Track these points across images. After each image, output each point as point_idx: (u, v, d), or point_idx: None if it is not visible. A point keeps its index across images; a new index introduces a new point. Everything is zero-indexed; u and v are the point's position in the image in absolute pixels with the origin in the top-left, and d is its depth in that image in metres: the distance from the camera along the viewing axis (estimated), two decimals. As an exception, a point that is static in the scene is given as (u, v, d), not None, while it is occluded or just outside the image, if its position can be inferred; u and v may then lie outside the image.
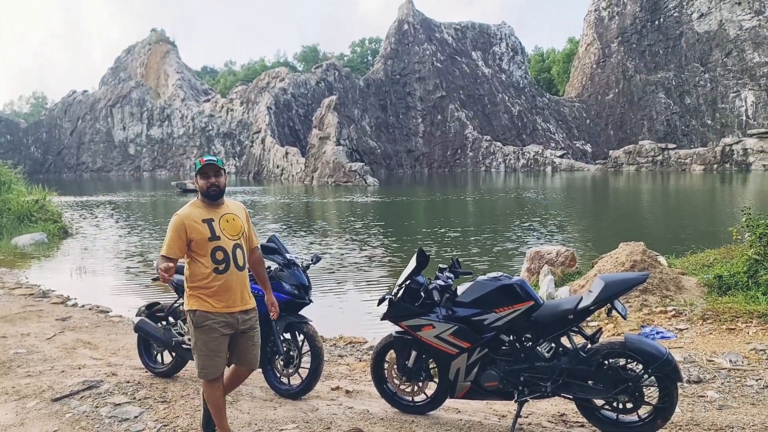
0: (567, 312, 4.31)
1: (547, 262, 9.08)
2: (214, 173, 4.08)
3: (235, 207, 4.25)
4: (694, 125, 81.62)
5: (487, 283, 4.53)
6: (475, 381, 4.52)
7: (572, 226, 22.24)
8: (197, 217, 4.02)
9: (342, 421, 4.72)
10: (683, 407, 4.70)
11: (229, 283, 4.02)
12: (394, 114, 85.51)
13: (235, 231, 4.11)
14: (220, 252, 3.99)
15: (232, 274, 4.03)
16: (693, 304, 7.11)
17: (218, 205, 4.13)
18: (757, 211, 8.38)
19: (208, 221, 4.03)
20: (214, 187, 4.08)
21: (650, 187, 45.02)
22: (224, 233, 4.04)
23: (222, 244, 4.01)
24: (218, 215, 4.09)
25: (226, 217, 4.10)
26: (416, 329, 4.60)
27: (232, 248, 4.05)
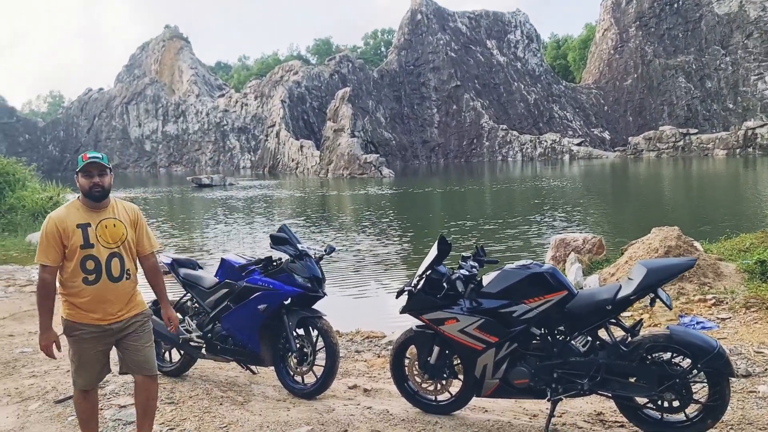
0: (605, 302, 3.93)
1: (574, 249, 8.66)
2: (99, 172, 3.65)
3: (121, 210, 3.82)
4: (716, 109, 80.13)
5: (515, 271, 4.15)
6: (503, 378, 4.16)
7: (596, 213, 21.68)
8: (72, 221, 3.61)
9: (360, 423, 4.38)
10: (733, 404, 4.29)
11: (101, 295, 3.63)
12: (409, 105, 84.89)
13: (113, 238, 3.68)
14: (91, 261, 3.59)
15: (103, 286, 3.63)
16: (734, 291, 6.67)
17: (100, 208, 3.71)
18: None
19: (83, 227, 3.62)
20: (97, 188, 3.65)
21: (673, 173, 44.15)
22: (100, 240, 3.63)
23: (94, 253, 3.60)
24: (97, 220, 3.67)
25: (105, 223, 3.68)
26: (438, 323, 4.23)
27: (107, 258, 3.63)
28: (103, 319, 3.65)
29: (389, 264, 13.44)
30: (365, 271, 12.76)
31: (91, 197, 3.66)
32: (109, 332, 3.69)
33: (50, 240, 3.57)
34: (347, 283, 11.64)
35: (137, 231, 3.85)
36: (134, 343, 3.78)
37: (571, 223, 18.56)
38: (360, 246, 15.78)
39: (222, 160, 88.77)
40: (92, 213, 3.67)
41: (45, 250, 3.58)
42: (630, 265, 7.25)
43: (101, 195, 3.68)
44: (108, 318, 3.66)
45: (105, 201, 3.73)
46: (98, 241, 3.61)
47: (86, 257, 3.59)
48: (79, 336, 3.65)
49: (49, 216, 3.68)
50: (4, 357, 6.50)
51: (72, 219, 3.62)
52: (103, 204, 3.71)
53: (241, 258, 5.44)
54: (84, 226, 3.61)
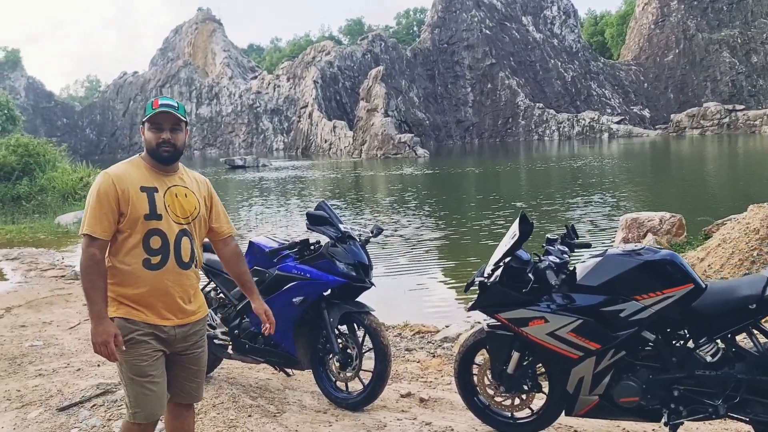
0: (747, 299, 2.98)
1: (650, 230, 7.65)
2: (172, 126, 2.77)
3: (192, 179, 2.94)
4: (762, 85, 77.02)
5: (622, 259, 3.22)
6: (605, 395, 3.25)
7: (659, 192, 20.26)
8: (134, 182, 2.72)
9: (419, 446, 3.54)
10: None
11: (164, 285, 2.71)
12: (443, 84, 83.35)
13: (186, 211, 2.80)
14: (157, 238, 2.70)
15: (169, 271, 2.72)
16: None
17: (169, 172, 2.83)
18: None
19: (149, 191, 2.72)
20: (167, 147, 2.76)
21: (726, 150, 42.03)
22: (169, 211, 2.74)
23: (162, 227, 2.71)
24: (165, 185, 2.78)
25: (175, 190, 2.80)
26: (520, 324, 3.34)
27: (177, 235, 2.74)
28: (162, 318, 2.73)
29: (436, 248, 12.50)
30: (409, 255, 11.85)
31: (157, 157, 2.78)
32: (167, 338, 2.75)
33: (104, 203, 2.65)
34: (391, 268, 10.75)
35: (212, 208, 2.99)
36: (192, 365, 2.86)
37: (635, 202, 17.28)
38: (403, 228, 14.87)
39: (255, 142, 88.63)
40: (159, 176, 2.79)
41: (96, 217, 2.65)
42: (723, 248, 6.25)
43: (171, 156, 2.79)
44: (165, 318, 2.73)
45: (174, 165, 2.86)
46: (168, 212, 2.73)
47: (152, 231, 2.69)
48: (135, 338, 2.68)
49: (104, 172, 2.78)
50: (11, 352, 5.83)
51: (134, 179, 2.73)
52: (172, 168, 2.84)
53: (273, 241, 4.60)
54: (151, 191, 2.72)
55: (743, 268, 5.86)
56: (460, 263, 11.10)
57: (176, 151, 2.80)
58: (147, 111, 2.79)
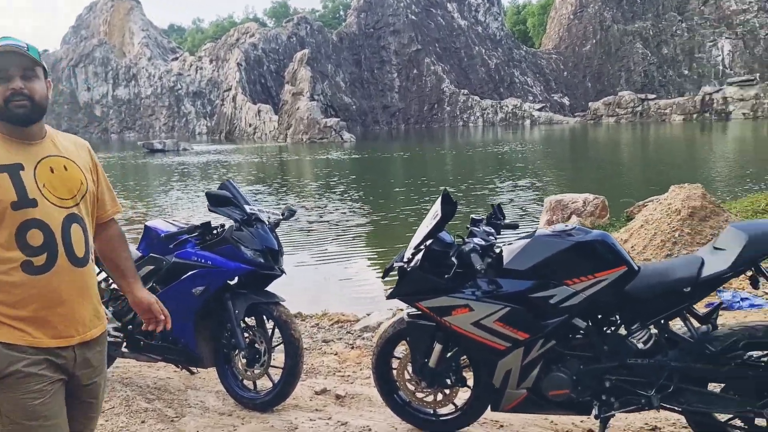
0: (682, 282, 2.78)
1: (574, 212, 7.59)
2: (22, 72, 1.99)
3: (67, 144, 2.17)
4: (671, 75, 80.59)
5: (552, 240, 2.95)
6: (533, 388, 2.99)
7: (579, 175, 20.61)
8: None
9: (333, 450, 3.19)
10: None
11: (56, 291, 1.98)
12: (369, 69, 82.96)
13: (70, 188, 2.07)
14: (37, 231, 1.96)
15: (61, 273, 1.99)
16: (775, 259, 5.64)
17: (34, 138, 2.06)
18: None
19: (10, 170, 1.97)
20: (21, 99, 1.98)
21: (639, 137, 43.75)
22: (46, 192, 2.00)
23: (40, 215, 1.97)
24: (34, 158, 2.03)
25: (49, 162, 2.05)
26: (443, 313, 3.03)
27: (64, 223, 2.01)
28: (62, 337, 2.00)
29: (362, 234, 12.14)
30: (335, 242, 11.44)
31: (9, 117, 1.99)
32: (65, 363, 2.01)
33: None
34: (310, 255, 10.31)
35: (97, 180, 2.23)
36: (89, 398, 2.12)
37: (559, 186, 17.48)
38: (329, 214, 14.43)
39: (177, 126, 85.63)
40: (21, 146, 2.02)
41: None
42: (646, 229, 6.20)
43: (28, 112, 2.01)
44: (68, 335, 2.01)
45: (38, 126, 2.07)
46: (44, 194, 1.99)
47: (27, 224, 1.95)
48: (20, 370, 1.91)
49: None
50: None
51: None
52: (36, 131, 2.07)
53: (171, 225, 4.12)
54: (13, 169, 1.97)
55: (666, 249, 5.82)
56: (387, 249, 10.81)
57: (35, 106, 2.01)
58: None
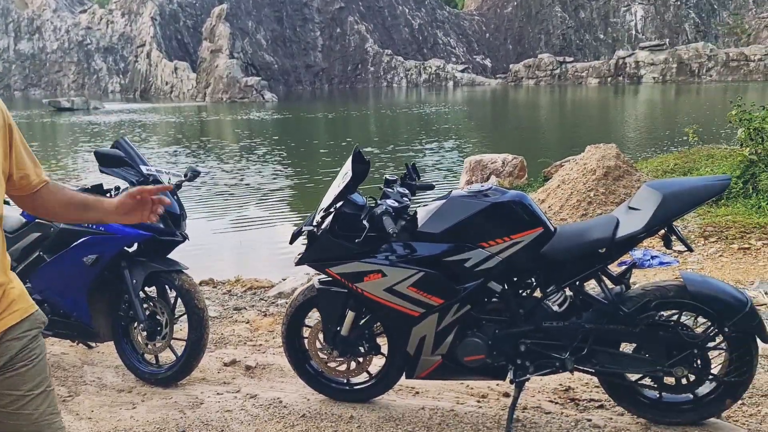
0: (598, 243, 2.72)
1: (493, 172, 7.57)
2: None
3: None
4: (588, 39, 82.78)
5: (468, 201, 2.82)
6: (448, 354, 2.90)
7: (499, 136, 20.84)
8: None
9: (239, 426, 3.00)
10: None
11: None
12: (291, 27, 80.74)
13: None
14: None
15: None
16: (684, 218, 5.81)
17: None
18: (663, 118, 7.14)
19: None
20: None
21: (557, 99, 44.80)
22: None
23: None
24: None
25: None
26: (354, 279, 2.87)
27: None
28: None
29: (283, 197, 11.78)
30: (251, 204, 11.04)
31: None
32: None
33: None
34: (228, 219, 9.89)
35: (11, 147, 1.76)
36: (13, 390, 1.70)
37: (479, 147, 17.58)
38: (246, 177, 13.94)
39: (87, 83, 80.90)
40: None
41: None
42: (563, 189, 6.23)
43: None
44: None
45: None
46: None
47: None
48: None
49: None
50: None
51: None
52: None
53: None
54: None
55: (581, 209, 5.88)
56: (305, 210, 10.55)
57: None
58: None
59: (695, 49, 61.07)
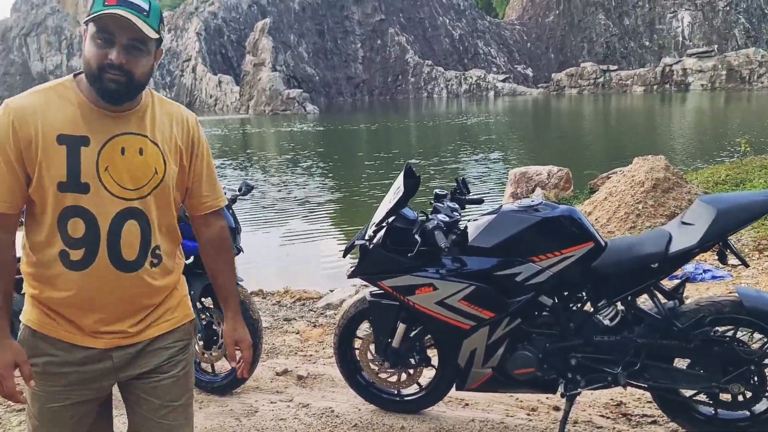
0: (650, 258, 2.72)
1: (538, 184, 7.54)
2: (129, 40, 1.62)
3: (164, 120, 1.79)
4: (633, 47, 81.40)
5: (518, 216, 2.86)
6: (499, 367, 2.93)
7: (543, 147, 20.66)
8: (52, 124, 1.63)
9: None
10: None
11: (93, 292, 1.69)
12: (332, 39, 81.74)
13: (137, 177, 1.70)
14: (79, 221, 1.64)
15: (98, 275, 1.68)
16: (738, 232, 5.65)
17: (119, 112, 1.70)
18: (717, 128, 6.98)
19: (72, 143, 1.63)
20: (116, 73, 1.62)
21: (602, 108, 44.18)
22: (103, 176, 1.66)
23: (87, 204, 1.64)
24: (106, 134, 1.68)
25: (121, 143, 1.68)
26: (406, 292, 2.92)
27: (115, 219, 1.67)
28: (90, 336, 1.73)
29: (328, 209, 11.92)
30: (296, 217, 11.20)
31: (98, 87, 1.64)
32: (104, 368, 1.75)
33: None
34: (275, 232, 10.06)
35: (192, 165, 1.84)
36: (154, 398, 1.81)
37: (523, 158, 17.48)
38: (291, 190, 14.14)
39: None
40: (101, 118, 1.68)
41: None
42: (610, 201, 6.18)
43: (120, 91, 1.64)
44: (96, 336, 1.73)
45: (131, 102, 1.72)
46: (100, 180, 1.65)
47: (69, 211, 1.64)
48: (44, 368, 1.72)
49: (5, 103, 1.67)
50: None
51: (53, 119, 1.64)
52: (125, 107, 1.71)
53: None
54: (75, 143, 1.64)
55: (629, 222, 5.82)
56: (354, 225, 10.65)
57: (131, 84, 1.65)
58: (94, 5, 1.62)
59: (746, 55, 59.45)
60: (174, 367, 1.84)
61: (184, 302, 1.90)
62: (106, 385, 1.80)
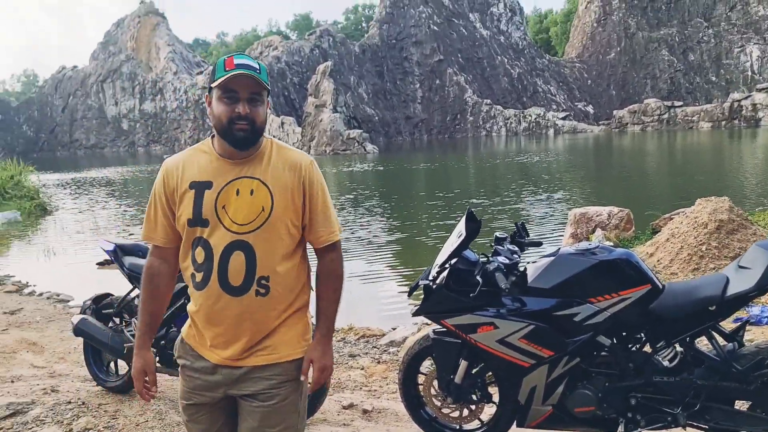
0: (707, 300, 2.80)
1: (598, 225, 7.55)
2: (249, 95, 2.01)
3: (279, 165, 2.11)
4: (698, 82, 79.67)
5: (576, 258, 2.99)
6: (559, 405, 3.03)
7: (604, 186, 20.38)
8: (187, 175, 2.07)
9: (361, 465, 3.24)
10: None
11: (208, 310, 2.05)
12: (391, 80, 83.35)
13: (245, 214, 2.02)
14: (201, 251, 2.03)
15: (211, 296, 2.03)
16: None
17: (243, 159, 2.08)
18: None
19: (199, 187, 2.04)
20: (244, 123, 2.00)
21: (666, 145, 43.20)
22: (220, 213, 2.02)
23: (206, 236, 2.02)
24: (226, 177, 2.05)
25: (237, 185, 2.04)
26: (468, 330, 3.08)
27: (225, 249, 2.01)
28: (208, 347, 2.10)
29: (389, 248, 12.13)
30: (361, 256, 11.44)
31: (230, 138, 2.03)
32: (214, 381, 2.09)
33: (155, 202, 2.12)
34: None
35: (307, 204, 2.13)
36: (251, 421, 2.07)
37: (583, 197, 17.32)
38: (356, 228, 14.46)
39: (202, 139, 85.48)
40: (225, 165, 2.06)
41: (150, 219, 2.14)
42: (672, 243, 6.16)
43: (248, 137, 2.03)
44: (212, 348, 2.09)
45: (253, 149, 2.09)
46: (217, 216, 2.02)
47: (197, 242, 2.05)
48: (182, 369, 2.15)
49: (164, 162, 2.19)
50: None
51: (190, 170, 2.08)
52: (249, 152, 2.08)
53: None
54: (201, 187, 2.04)
55: (692, 264, 5.78)
56: (413, 263, 10.82)
57: (255, 130, 2.03)
58: (216, 73, 2.02)
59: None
60: (270, 398, 2.07)
61: (293, 341, 2.14)
62: (217, 396, 2.10)
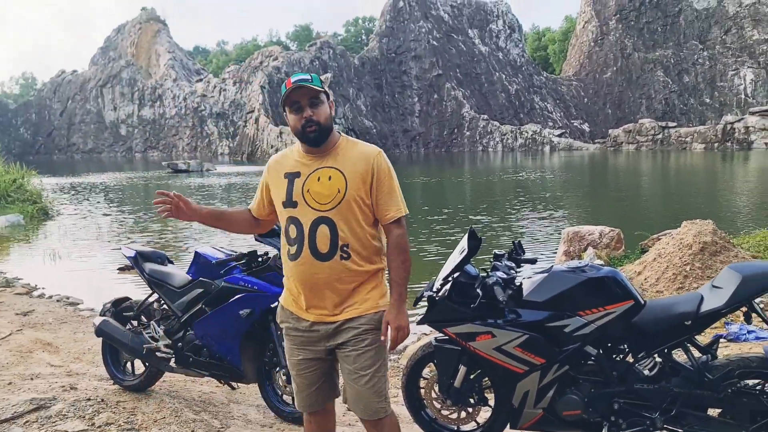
0: (683, 316, 3.11)
1: (590, 243, 7.89)
2: (309, 101, 2.63)
3: (351, 156, 2.71)
4: (693, 104, 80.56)
5: (567, 275, 3.31)
6: (549, 408, 3.33)
7: (597, 205, 20.80)
8: (283, 168, 2.77)
9: (366, 461, 3.52)
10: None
11: (304, 277, 2.66)
12: (390, 93, 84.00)
13: (325, 196, 2.63)
14: (293, 227, 2.66)
15: (305, 264, 2.64)
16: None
17: (321, 153, 2.71)
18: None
19: (291, 177, 2.70)
20: (312, 125, 2.62)
21: (659, 166, 43.79)
22: (305, 198, 2.64)
23: (297, 215, 2.65)
24: (311, 168, 2.69)
25: (319, 173, 2.66)
26: (468, 338, 3.38)
27: (312, 224, 2.61)
28: (302, 309, 2.73)
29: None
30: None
31: (305, 139, 2.67)
32: (314, 336, 2.72)
33: (261, 189, 2.91)
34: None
35: (374, 186, 2.70)
36: (347, 364, 2.70)
37: (576, 215, 17.68)
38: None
39: (199, 146, 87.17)
40: (309, 159, 2.71)
41: (256, 196, 2.94)
42: (659, 262, 6.50)
43: (318, 135, 2.64)
44: (306, 310, 2.72)
45: (328, 144, 2.71)
46: (304, 199, 2.64)
47: (289, 221, 2.69)
48: (285, 330, 2.82)
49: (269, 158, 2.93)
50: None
51: (285, 165, 2.78)
52: (324, 148, 2.70)
53: (220, 252, 4.52)
54: (293, 177, 2.71)
55: (677, 282, 6.11)
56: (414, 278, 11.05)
57: (322, 128, 2.64)
58: (283, 93, 2.66)
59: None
60: (359, 342, 2.66)
61: (374, 297, 2.74)
62: (319, 349, 2.72)
